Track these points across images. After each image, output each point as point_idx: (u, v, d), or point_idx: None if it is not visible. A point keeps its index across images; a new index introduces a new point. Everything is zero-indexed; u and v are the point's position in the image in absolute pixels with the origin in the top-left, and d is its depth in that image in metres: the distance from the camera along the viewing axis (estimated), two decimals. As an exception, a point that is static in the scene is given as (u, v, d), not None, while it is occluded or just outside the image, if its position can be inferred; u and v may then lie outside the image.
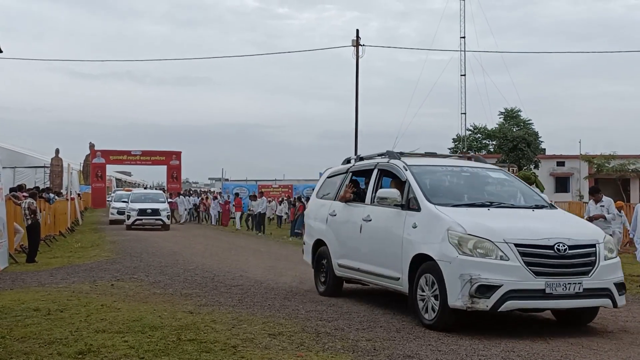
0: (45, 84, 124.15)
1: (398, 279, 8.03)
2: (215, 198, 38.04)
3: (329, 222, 9.88)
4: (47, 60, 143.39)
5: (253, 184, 59.18)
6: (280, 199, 37.47)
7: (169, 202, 33.23)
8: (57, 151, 44.39)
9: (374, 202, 8.83)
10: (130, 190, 42.29)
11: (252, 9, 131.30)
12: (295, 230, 25.85)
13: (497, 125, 55.55)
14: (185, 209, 37.68)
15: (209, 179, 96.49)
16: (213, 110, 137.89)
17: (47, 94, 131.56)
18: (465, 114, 61.36)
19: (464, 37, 60.91)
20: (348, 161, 10.48)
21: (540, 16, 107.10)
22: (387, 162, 9.13)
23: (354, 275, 9.26)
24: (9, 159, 45.59)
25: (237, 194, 35.46)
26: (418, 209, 7.91)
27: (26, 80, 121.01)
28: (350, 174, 10.03)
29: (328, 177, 10.80)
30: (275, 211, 34.42)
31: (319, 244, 10.19)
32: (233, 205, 34.15)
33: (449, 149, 61.88)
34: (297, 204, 26.99)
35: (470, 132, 61.25)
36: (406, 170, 8.54)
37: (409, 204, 8.10)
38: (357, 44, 33.40)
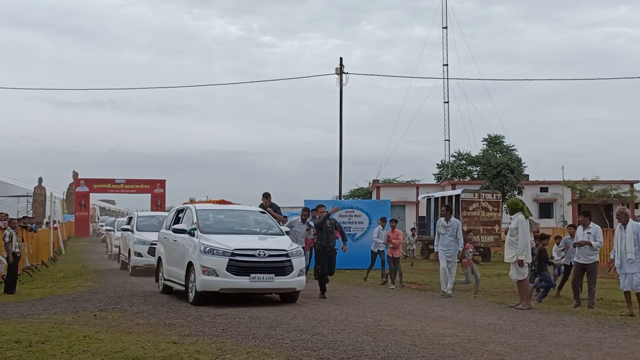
0: (28, 112, 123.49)
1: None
2: None
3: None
4: (30, 89, 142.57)
5: (237, 212, 58.87)
6: None
7: None
8: (40, 180, 44.10)
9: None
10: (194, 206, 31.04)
11: (235, 38, 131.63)
12: None
13: (480, 152, 55.86)
14: None
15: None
16: (197, 138, 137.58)
17: (30, 122, 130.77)
18: (449, 140, 61.93)
19: (446, 65, 61.75)
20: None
21: (520, 44, 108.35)
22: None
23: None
24: (-9, 188, 45.29)
25: None
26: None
27: (9, 109, 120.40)
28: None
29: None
30: None
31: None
32: None
33: (434, 174, 62.26)
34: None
35: (454, 159, 61.58)
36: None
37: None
38: (340, 71, 33.63)
